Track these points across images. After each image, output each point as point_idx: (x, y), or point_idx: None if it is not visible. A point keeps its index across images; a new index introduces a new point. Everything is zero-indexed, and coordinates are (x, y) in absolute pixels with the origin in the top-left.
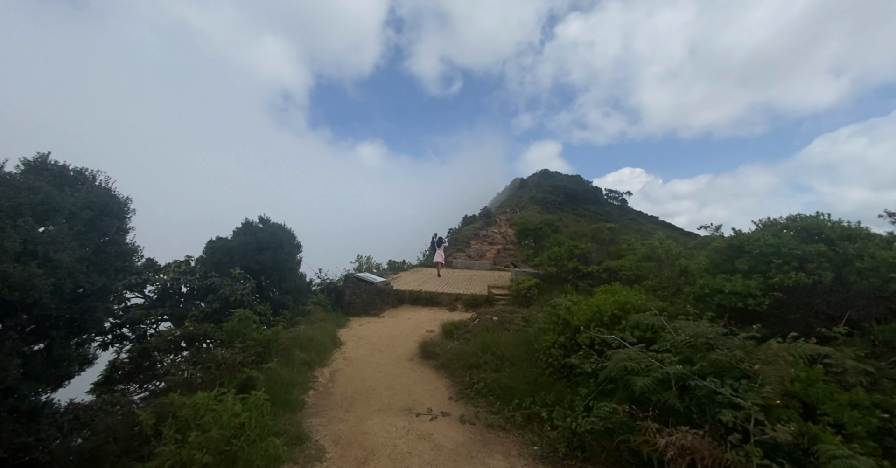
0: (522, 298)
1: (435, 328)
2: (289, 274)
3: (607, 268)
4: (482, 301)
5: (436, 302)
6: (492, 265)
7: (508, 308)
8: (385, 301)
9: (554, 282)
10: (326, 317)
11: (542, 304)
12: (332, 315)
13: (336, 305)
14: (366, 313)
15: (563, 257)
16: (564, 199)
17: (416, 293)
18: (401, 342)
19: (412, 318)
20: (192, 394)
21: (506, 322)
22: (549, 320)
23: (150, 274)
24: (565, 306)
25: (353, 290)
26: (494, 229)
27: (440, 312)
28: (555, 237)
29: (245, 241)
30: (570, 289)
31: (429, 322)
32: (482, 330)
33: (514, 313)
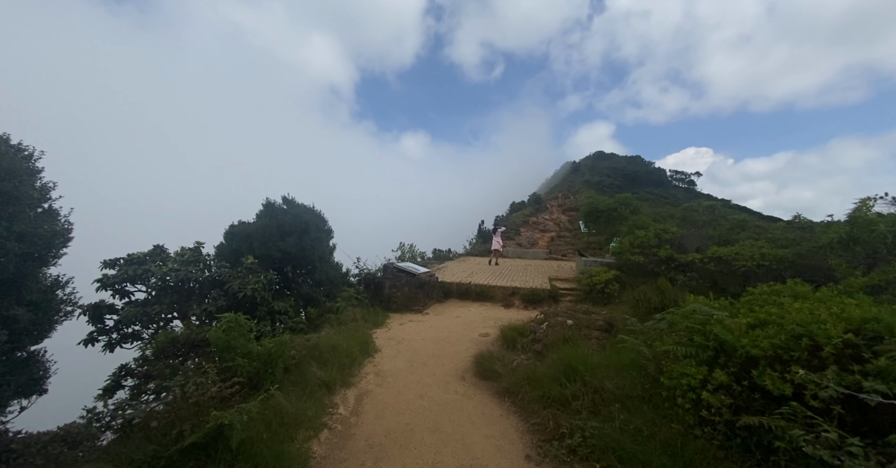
0: (598, 295)
1: (490, 330)
2: (319, 263)
3: (715, 258)
4: (544, 296)
5: (488, 296)
6: (547, 253)
7: (581, 307)
8: (429, 295)
9: (636, 274)
10: (360, 315)
11: (628, 303)
12: (368, 311)
13: (374, 299)
14: (407, 309)
15: (651, 243)
16: (623, 181)
17: (465, 286)
18: (449, 349)
19: (461, 317)
20: None
21: (583, 327)
22: (683, 339)
23: (151, 264)
24: (717, 319)
25: (392, 282)
26: (545, 215)
27: (494, 309)
28: (634, 219)
29: (265, 225)
30: (665, 284)
31: (481, 322)
32: (557, 339)
33: (590, 315)
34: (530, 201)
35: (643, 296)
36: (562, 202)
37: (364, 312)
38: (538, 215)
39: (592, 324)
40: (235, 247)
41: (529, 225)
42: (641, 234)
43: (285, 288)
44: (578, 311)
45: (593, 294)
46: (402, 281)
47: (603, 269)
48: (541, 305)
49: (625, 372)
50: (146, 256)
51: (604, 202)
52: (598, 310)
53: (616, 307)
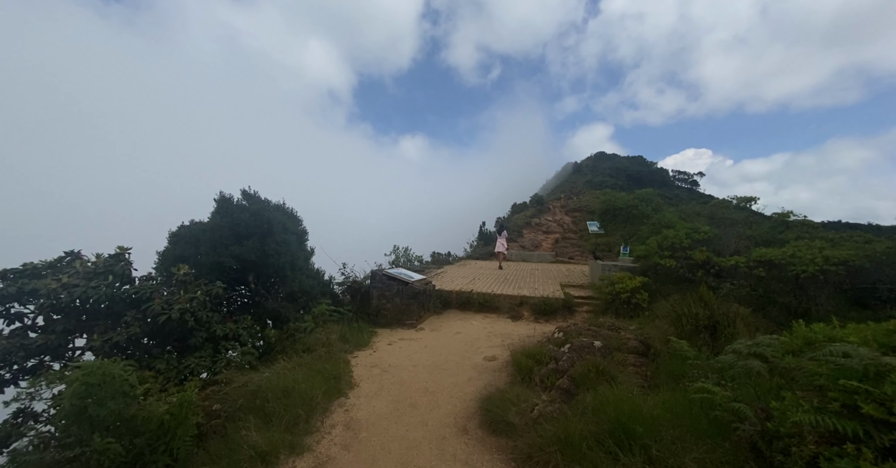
0: (622, 305)
1: (497, 352)
2: (291, 272)
3: (764, 261)
4: (558, 307)
5: (492, 307)
6: (553, 256)
7: (603, 320)
8: (424, 306)
9: (665, 280)
10: (339, 335)
11: (663, 318)
12: (350, 328)
13: (360, 312)
14: (399, 323)
15: (683, 244)
16: (626, 182)
17: (466, 295)
18: (447, 381)
19: (462, 333)
20: None
21: (614, 349)
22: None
23: (49, 278)
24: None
25: (381, 292)
26: (548, 217)
27: (499, 322)
28: (658, 217)
29: (216, 225)
30: (708, 294)
31: (486, 339)
32: (587, 370)
33: (618, 331)
34: (532, 202)
35: (686, 311)
36: (564, 203)
37: (344, 330)
38: (541, 216)
39: (624, 345)
40: (180, 254)
41: (532, 226)
42: (671, 234)
43: (250, 303)
44: (602, 327)
45: (616, 304)
46: (392, 290)
47: (627, 275)
48: (554, 317)
49: (708, 438)
50: (48, 267)
51: (622, 199)
52: (625, 325)
53: (646, 321)
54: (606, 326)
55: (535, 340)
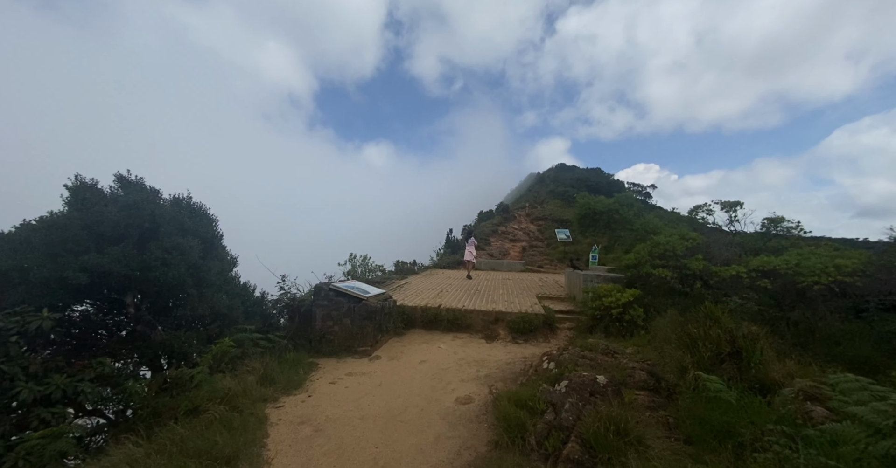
0: (613, 323)
1: (473, 389)
2: (197, 289)
3: (768, 271)
4: (538, 324)
5: (464, 325)
6: (524, 265)
7: (594, 342)
8: (382, 327)
9: (656, 293)
10: (253, 380)
11: (667, 340)
12: (282, 361)
13: (299, 338)
14: (348, 351)
15: (678, 252)
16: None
17: (433, 312)
18: (406, 445)
19: (428, 361)
20: None
21: (619, 383)
22: None
23: None
24: None
25: (327, 312)
26: (514, 225)
27: (472, 344)
28: (642, 222)
29: (63, 224)
30: (715, 310)
31: (458, 370)
32: (599, 426)
33: (615, 357)
34: (498, 210)
35: (702, 333)
36: (529, 211)
37: (271, 367)
38: (507, 224)
39: (630, 377)
40: (6, 269)
41: (499, 234)
42: (663, 240)
43: (132, 336)
44: (596, 351)
45: (605, 321)
46: (341, 309)
47: (615, 287)
48: (534, 337)
49: None
50: None
51: (602, 203)
52: (619, 348)
53: (642, 341)
54: (600, 350)
55: (517, 368)
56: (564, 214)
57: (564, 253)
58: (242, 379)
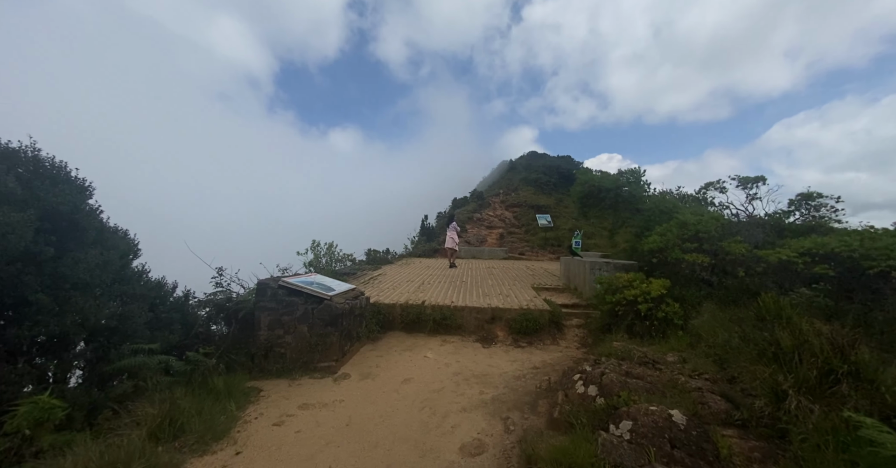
0: (638, 321)
1: (482, 427)
2: (48, 293)
3: (827, 255)
4: (543, 323)
5: (454, 326)
6: (505, 252)
7: (629, 348)
8: (352, 333)
9: (683, 283)
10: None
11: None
12: (200, 393)
13: (237, 352)
14: (305, 369)
15: (712, 234)
16: (559, 179)
17: (417, 309)
18: None
19: (413, 380)
20: None
21: (702, 420)
22: None
23: None
24: None
25: (276, 317)
26: (490, 212)
27: (467, 351)
28: (654, 201)
29: None
30: (778, 304)
31: (455, 392)
32: None
33: (654, 366)
34: (473, 197)
35: (797, 341)
36: (504, 198)
37: (180, 405)
38: (482, 211)
39: (704, 407)
40: None
41: (475, 221)
42: (692, 221)
43: None
44: (631, 360)
45: (627, 318)
46: (295, 313)
47: (638, 277)
48: (539, 338)
49: None
50: None
51: (608, 178)
52: (658, 355)
53: (678, 343)
54: (636, 358)
55: (530, 386)
56: (539, 200)
57: (545, 239)
58: (119, 440)
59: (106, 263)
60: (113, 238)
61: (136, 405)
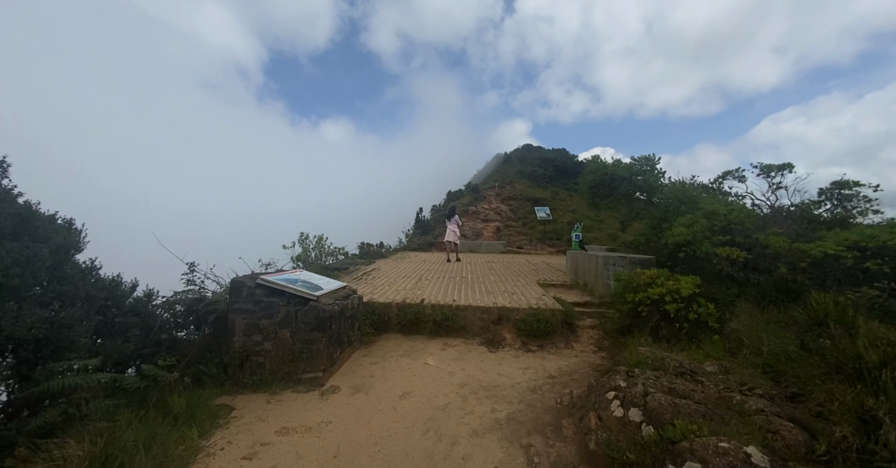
0: (666, 323)
1: (498, 457)
2: None
3: (869, 248)
4: (556, 324)
5: (456, 327)
6: (504, 246)
7: (655, 354)
8: (341, 338)
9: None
10: None
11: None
12: (155, 418)
13: (207, 362)
14: (289, 381)
15: (746, 226)
16: (554, 172)
17: (415, 310)
18: None
19: (413, 394)
20: None
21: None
22: None
23: None
24: None
25: (254, 321)
26: (485, 205)
27: (472, 356)
28: (673, 189)
29: None
30: (836, 306)
31: (462, 410)
32: None
33: (694, 378)
34: (468, 190)
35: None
36: (499, 191)
37: (119, 438)
38: (477, 204)
39: (777, 439)
40: None
41: (470, 214)
42: (723, 211)
43: None
44: (666, 371)
45: (651, 320)
46: (276, 316)
47: (663, 273)
48: (551, 340)
49: None
50: None
51: (623, 168)
52: (697, 366)
53: (714, 349)
54: (672, 369)
55: (550, 400)
56: (535, 193)
57: (544, 232)
58: None
59: (31, 260)
60: (44, 228)
61: (59, 442)
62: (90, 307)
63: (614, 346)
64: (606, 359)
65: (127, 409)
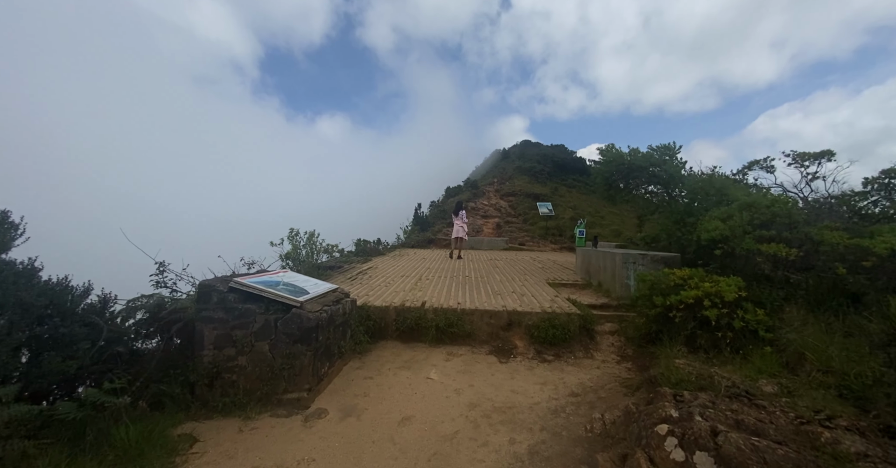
0: (703, 331)
1: None
2: None
3: None
4: (573, 330)
5: (461, 334)
6: (506, 242)
7: (700, 370)
8: (331, 349)
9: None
10: None
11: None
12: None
13: (170, 382)
14: (267, 402)
15: (794, 219)
16: (553, 168)
17: (415, 314)
18: None
19: (415, 419)
20: None
21: None
22: None
23: None
24: None
25: (225, 332)
26: (484, 201)
27: (480, 368)
28: (698, 180)
29: None
30: None
31: (474, 440)
32: None
33: (752, 402)
34: (467, 186)
35: None
36: (498, 188)
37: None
38: (477, 201)
39: None
40: None
41: (469, 211)
42: (767, 203)
43: None
44: (717, 392)
45: (686, 327)
46: (252, 325)
47: (697, 273)
48: (569, 348)
49: None
50: None
51: (642, 158)
52: (751, 385)
53: (767, 363)
54: (724, 389)
55: (577, 428)
56: (535, 189)
57: (546, 228)
58: None
59: None
60: None
61: None
62: (22, 317)
63: (639, 355)
64: (633, 371)
65: (55, 449)
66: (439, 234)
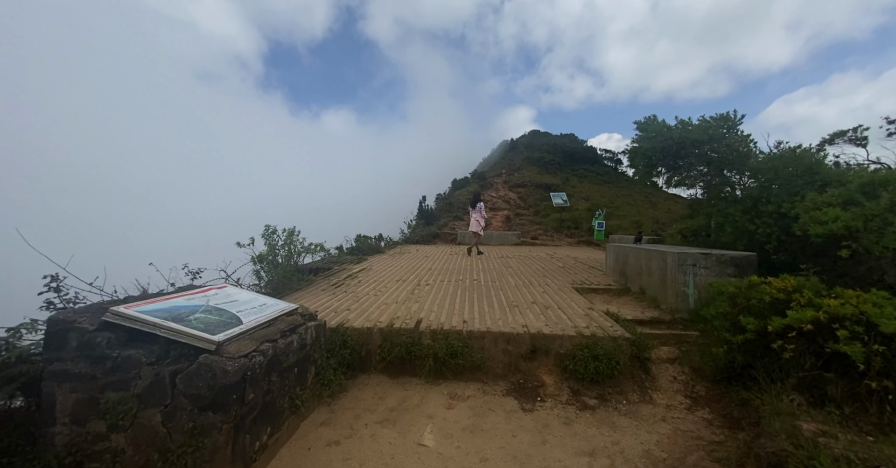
0: (836, 374)
1: None
2: None
3: None
4: (622, 361)
5: (468, 366)
6: (518, 237)
7: (835, 444)
8: (274, 407)
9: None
10: None
11: None
12: None
13: None
14: None
15: None
16: (563, 158)
17: (405, 339)
18: None
19: None
20: None
21: None
22: None
23: None
24: None
25: (89, 394)
26: (493, 193)
27: (494, 422)
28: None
29: None
30: None
31: None
32: None
33: None
34: (474, 178)
35: None
36: (506, 179)
37: None
38: (485, 193)
39: None
40: None
41: None
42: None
43: None
44: None
45: (804, 365)
46: (134, 382)
47: (806, 284)
48: (617, 386)
49: None
50: None
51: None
52: None
53: None
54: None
55: None
56: (545, 180)
57: (560, 220)
58: None
59: None
60: None
61: None
62: None
63: (717, 397)
64: (719, 427)
65: None
66: (445, 229)
